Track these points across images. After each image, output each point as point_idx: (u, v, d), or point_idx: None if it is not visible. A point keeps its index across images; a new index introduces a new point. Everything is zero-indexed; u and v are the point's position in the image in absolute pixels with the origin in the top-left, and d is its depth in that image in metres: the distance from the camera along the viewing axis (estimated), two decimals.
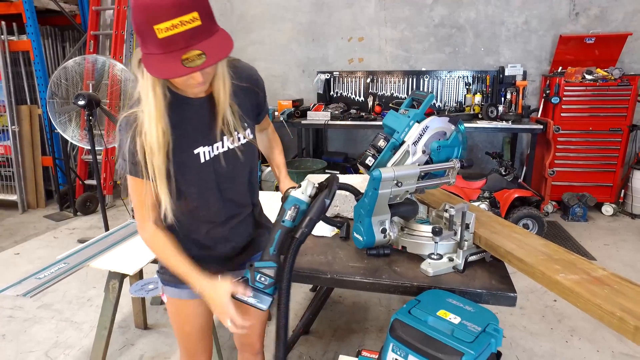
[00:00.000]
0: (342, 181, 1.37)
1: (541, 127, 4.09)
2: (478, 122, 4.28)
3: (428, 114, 1.59)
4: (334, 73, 5.04)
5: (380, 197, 1.44)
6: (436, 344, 1.08)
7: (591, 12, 4.43)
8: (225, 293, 1.13)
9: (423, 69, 4.90)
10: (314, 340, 2.44)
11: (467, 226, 1.47)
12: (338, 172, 3.35)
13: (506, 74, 4.56)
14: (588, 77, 4.10)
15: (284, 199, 1.23)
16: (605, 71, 4.08)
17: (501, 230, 1.53)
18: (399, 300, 2.75)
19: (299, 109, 4.70)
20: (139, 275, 2.15)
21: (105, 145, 4.17)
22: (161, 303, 2.84)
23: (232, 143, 1.20)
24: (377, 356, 1.24)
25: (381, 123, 1.68)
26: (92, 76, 4.31)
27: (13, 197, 4.81)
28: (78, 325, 2.63)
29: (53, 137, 4.69)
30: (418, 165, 1.50)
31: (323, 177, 1.28)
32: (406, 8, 4.83)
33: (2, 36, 4.57)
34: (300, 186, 1.21)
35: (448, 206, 1.49)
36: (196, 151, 1.16)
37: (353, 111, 4.77)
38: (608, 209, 4.35)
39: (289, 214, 1.18)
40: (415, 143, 1.53)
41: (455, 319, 1.16)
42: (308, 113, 4.62)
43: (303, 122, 4.57)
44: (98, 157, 3.89)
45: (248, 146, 1.24)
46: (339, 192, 2.01)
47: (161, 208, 1.14)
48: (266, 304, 1.15)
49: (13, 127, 4.67)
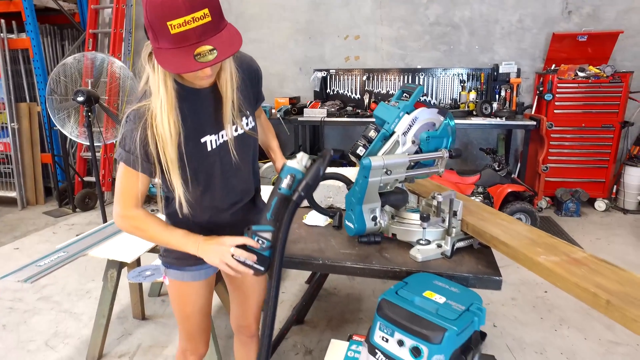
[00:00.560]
0: (336, 172, 1.41)
1: (534, 124, 4.14)
2: (472, 119, 4.34)
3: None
4: (331, 71, 5.08)
5: (370, 185, 1.48)
6: (421, 321, 1.12)
7: (584, 11, 4.49)
8: (223, 239, 1.20)
9: (419, 67, 4.94)
10: (308, 329, 2.49)
11: (455, 213, 1.52)
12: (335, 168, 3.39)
13: (500, 72, 4.61)
14: (580, 75, 4.16)
15: (281, 170, 1.27)
16: (597, 69, 4.14)
17: (488, 217, 1.57)
18: None
19: (296, 106, 4.74)
20: (137, 263, 2.20)
21: (104, 141, 4.21)
22: (159, 295, 2.88)
23: (237, 131, 1.26)
24: (366, 337, 1.28)
25: None
26: (91, 73, 4.35)
27: (12, 194, 4.85)
28: (77, 316, 2.67)
29: (52, 135, 4.73)
30: (408, 155, 1.55)
31: None
32: (402, 6, 4.88)
33: (2, 34, 4.60)
34: (295, 157, 1.26)
35: (436, 194, 1.55)
36: (203, 140, 1.21)
37: (349, 108, 4.81)
38: (600, 205, 4.40)
39: (286, 182, 1.22)
40: (405, 133, 1.57)
41: (440, 299, 1.21)
42: (305, 110, 4.66)
43: (300, 119, 4.61)
44: (97, 154, 3.93)
45: (251, 133, 1.31)
46: (332, 184, 2.06)
47: (175, 197, 1.18)
48: (264, 265, 1.21)
49: (12, 125, 4.71)
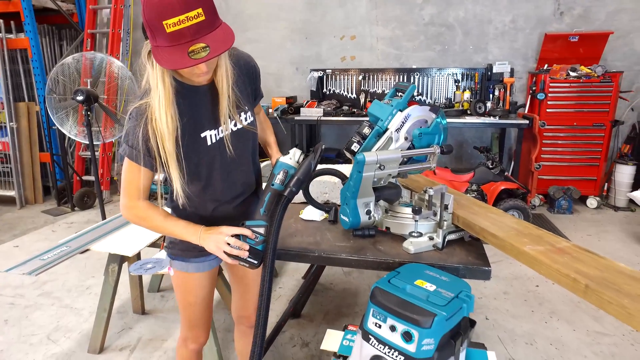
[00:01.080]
0: (331, 168, 1.47)
1: (527, 123, 4.22)
2: (467, 118, 4.41)
3: None
4: (327, 71, 5.14)
5: (364, 180, 1.54)
6: (412, 307, 1.18)
7: (575, 12, 4.57)
8: (221, 228, 1.27)
9: (413, 67, 5.01)
10: (305, 323, 2.55)
11: (446, 207, 1.59)
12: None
13: (494, 71, 4.68)
14: (572, 74, 4.24)
15: (274, 166, 1.33)
16: (588, 68, 4.22)
17: (478, 211, 1.64)
18: None
19: (293, 106, 4.80)
20: (137, 257, 2.25)
21: (102, 140, 4.25)
22: (158, 290, 2.93)
23: (235, 126, 1.32)
24: (360, 324, 1.34)
25: None
26: (90, 73, 4.39)
27: (11, 193, 4.88)
28: (78, 311, 2.72)
29: (51, 134, 4.77)
30: (400, 150, 1.61)
31: None
32: (397, 7, 4.94)
33: (1, 34, 4.63)
34: (288, 153, 1.32)
35: (428, 188, 1.61)
36: (203, 134, 1.26)
37: (345, 108, 4.87)
38: (592, 202, 4.48)
39: (278, 178, 1.29)
40: (397, 130, 1.63)
41: (431, 287, 1.27)
42: (301, 109, 4.71)
43: (296, 119, 4.67)
44: (96, 153, 3.97)
45: (249, 128, 1.36)
46: (328, 180, 2.12)
47: (173, 189, 1.24)
48: (257, 259, 1.27)
49: (11, 124, 4.74)
